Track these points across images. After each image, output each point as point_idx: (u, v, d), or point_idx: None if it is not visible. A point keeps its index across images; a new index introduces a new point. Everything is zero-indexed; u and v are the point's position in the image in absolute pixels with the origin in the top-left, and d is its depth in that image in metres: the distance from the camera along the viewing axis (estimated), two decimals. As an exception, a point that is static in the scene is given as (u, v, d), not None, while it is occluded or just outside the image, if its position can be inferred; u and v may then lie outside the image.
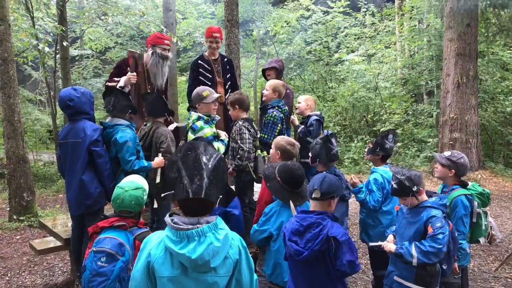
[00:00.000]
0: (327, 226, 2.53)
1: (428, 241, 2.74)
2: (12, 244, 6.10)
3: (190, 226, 1.82)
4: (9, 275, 5.02)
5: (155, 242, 1.91)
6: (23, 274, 5.04)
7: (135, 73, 4.57)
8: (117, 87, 4.40)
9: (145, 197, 2.94)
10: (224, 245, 1.89)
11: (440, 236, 2.72)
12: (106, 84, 4.65)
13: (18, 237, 6.38)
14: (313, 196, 2.66)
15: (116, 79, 4.58)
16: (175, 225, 1.83)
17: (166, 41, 4.84)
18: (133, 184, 2.94)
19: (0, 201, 8.96)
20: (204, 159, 1.91)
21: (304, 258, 2.49)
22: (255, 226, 3.18)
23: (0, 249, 5.90)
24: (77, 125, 3.74)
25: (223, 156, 2.05)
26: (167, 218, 1.88)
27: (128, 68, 4.66)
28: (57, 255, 5.41)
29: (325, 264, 2.52)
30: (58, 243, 4.38)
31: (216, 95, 4.20)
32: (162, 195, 1.93)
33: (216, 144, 4.06)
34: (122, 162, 3.84)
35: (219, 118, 4.39)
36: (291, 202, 3.00)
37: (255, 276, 2.11)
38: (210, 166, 1.91)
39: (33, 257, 5.47)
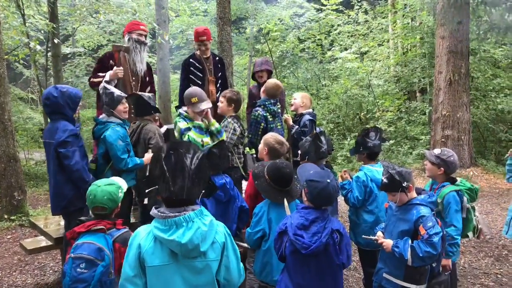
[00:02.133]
0: (329, 220, 2.69)
1: (424, 245, 2.74)
2: (2, 243, 6.06)
3: (177, 214, 1.92)
4: (-1, 274, 5.00)
5: (144, 234, 1.99)
6: (13, 273, 5.01)
7: (122, 68, 4.55)
8: (103, 81, 4.37)
9: (121, 194, 2.87)
10: (211, 230, 1.99)
11: (436, 239, 2.72)
12: (91, 80, 4.59)
13: (9, 236, 6.33)
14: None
15: (101, 74, 4.54)
16: (162, 214, 1.92)
17: (141, 27, 4.85)
18: (106, 181, 2.91)
19: (-9, 200, 8.89)
20: (186, 160, 1.97)
21: (312, 251, 2.56)
22: (248, 229, 3.19)
23: (-10, 249, 5.87)
24: (53, 125, 3.70)
25: (205, 153, 2.11)
26: (153, 210, 1.96)
27: (111, 62, 4.64)
28: (48, 254, 5.38)
29: (328, 257, 2.65)
30: (49, 243, 4.36)
31: (203, 107, 4.09)
32: (147, 190, 2.00)
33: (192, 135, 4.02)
34: (116, 161, 3.80)
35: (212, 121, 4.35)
36: (285, 201, 3.01)
37: (241, 264, 2.19)
38: (192, 166, 1.98)
39: (24, 257, 5.44)
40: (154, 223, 1.95)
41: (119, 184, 2.93)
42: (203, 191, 2.05)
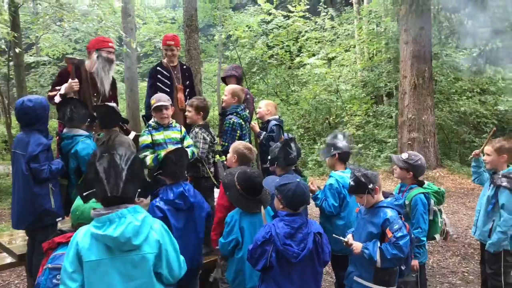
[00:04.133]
0: (310, 223, 2.73)
1: (391, 248, 2.79)
2: (-36, 261, 5.80)
3: (110, 211, 2.11)
4: (-40, 295, 4.78)
5: (82, 233, 2.15)
6: (-24, 293, 4.81)
7: (77, 80, 4.38)
8: (58, 95, 4.22)
9: None
10: (144, 225, 2.16)
11: (402, 242, 2.77)
12: (48, 94, 4.39)
13: (-30, 254, 6.07)
14: None
15: (57, 87, 4.37)
16: (98, 213, 2.11)
17: (110, 44, 4.69)
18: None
19: (-48, 217, 8.51)
20: (118, 159, 2.15)
21: (301, 259, 2.60)
22: (221, 239, 3.17)
23: (-49, 268, 5.60)
24: (26, 137, 3.63)
25: (137, 154, 2.35)
26: (92, 211, 2.15)
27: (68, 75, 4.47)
28: (13, 271, 5.19)
29: (311, 261, 2.71)
30: (14, 259, 4.21)
31: (159, 103, 4.04)
32: (84, 194, 2.16)
33: (148, 154, 3.94)
34: None
35: (176, 125, 4.29)
36: (262, 209, 3.03)
37: (182, 256, 2.38)
38: (124, 165, 2.15)
39: (-13, 275, 5.23)
40: (92, 222, 2.13)
41: None
42: (139, 190, 2.23)
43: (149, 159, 3.88)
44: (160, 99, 4.11)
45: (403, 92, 10.89)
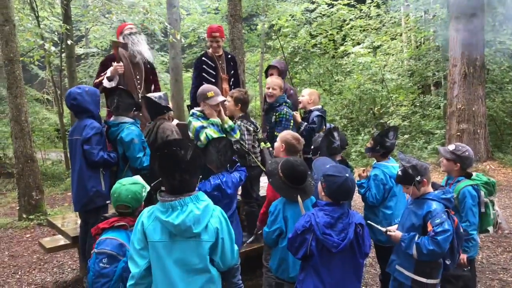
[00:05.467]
0: (351, 214, 2.69)
1: (428, 243, 2.73)
2: (22, 242, 6.18)
3: (174, 198, 2.18)
4: (19, 273, 5.09)
5: (147, 214, 2.27)
6: (33, 272, 5.11)
7: (121, 63, 4.55)
8: (105, 78, 4.42)
9: (144, 193, 2.91)
10: (205, 214, 2.22)
11: (440, 238, 2.70)
12: (95, 82, 4.61)
13: (28, 235, 6.46)
14: None
15: (102, 74, 4.57)
16: (162, 198, 2.21)
17: (128, 25, 4.97)
18: (131, 180, 2.95)
19: (10, 200, 9.07)
20: (180, 156, 2.18)
21: (341, 249, 2.57)
22: (265, 228, 3.20)
23: (10, 248, 5.99)
24: (81, 123, 3.85)
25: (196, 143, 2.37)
26: (158, 196, 2.23)
27: (114, 63, 4.62)
28: (66, 253, 5.47)
29: (352, 252, 2.66)
30: (67, 241, 4.44)
31: (220, 99, 4.08)
32: (152, 184, 2.32)
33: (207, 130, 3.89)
34: (131, 159, 3.88)
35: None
36: (299, 199, 3.01)
37: (236, 246, 2.43)
38: (186, 160, 2.19)
39: (43, 255, 5.54)
40: (157, 205, 2.24)
41: (143, 184, 2.96)
42: (200, 176, 2.33)
43: (203, 136, 3.83)
44: (218, 92, 4.13)
45: (453, 82, 10.46)
